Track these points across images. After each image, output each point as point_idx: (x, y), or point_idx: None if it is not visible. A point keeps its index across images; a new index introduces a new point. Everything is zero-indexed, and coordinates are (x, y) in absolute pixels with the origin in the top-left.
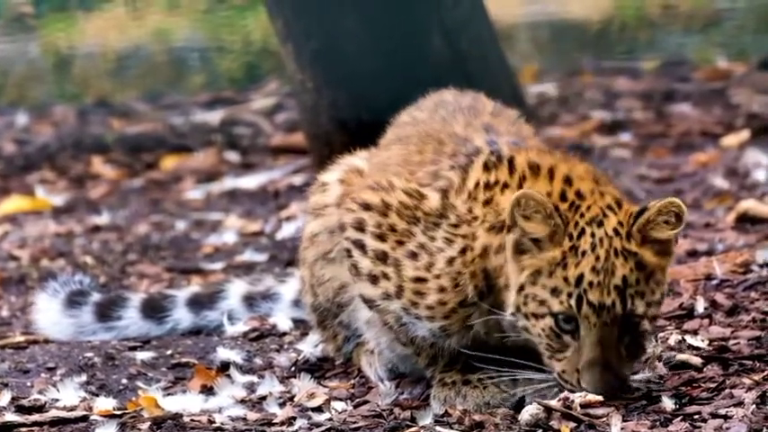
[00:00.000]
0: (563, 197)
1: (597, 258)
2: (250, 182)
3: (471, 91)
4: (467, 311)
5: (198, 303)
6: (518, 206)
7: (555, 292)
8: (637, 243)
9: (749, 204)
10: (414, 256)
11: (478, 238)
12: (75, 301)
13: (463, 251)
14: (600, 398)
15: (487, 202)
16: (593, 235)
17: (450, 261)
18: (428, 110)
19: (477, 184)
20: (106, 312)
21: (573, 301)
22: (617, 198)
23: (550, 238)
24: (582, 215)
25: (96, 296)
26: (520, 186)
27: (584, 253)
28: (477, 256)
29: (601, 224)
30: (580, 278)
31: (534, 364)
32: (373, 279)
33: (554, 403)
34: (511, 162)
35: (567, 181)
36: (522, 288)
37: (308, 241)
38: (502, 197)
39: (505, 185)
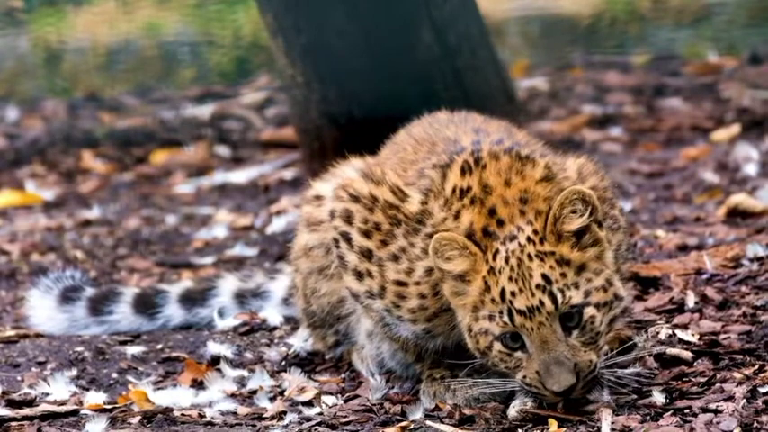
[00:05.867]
0: (485, 232)
1: (512, 268)
2: (240, 176)
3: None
4: (449, 315)
5: (190, 300)
6: (436, 253)
7: (491, 317)
8: (552, 243)
9: (739, 199)
10: (396, 258)
11: None
12: (68, 296)
13: None
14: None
15: (456, 216)
16: (506, 250)
17: (429, 271)
18: (422, 125)
19: (453, 190)
20: (98, 307)
21: (506, 317)
22: (538, 210)
23: (473, 269)
24: (497, 238)
25: (89, 291)
26: (481, 204)
27: (500, 270)
28: None
29: (513, 239)
30: (503, 292)
31: None
32: (358, 275)
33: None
34: (483, 170)
35: (492, 212)
36: (470, 330)
37: (302, 251)
38: (466, 213)
39: (473, 200)
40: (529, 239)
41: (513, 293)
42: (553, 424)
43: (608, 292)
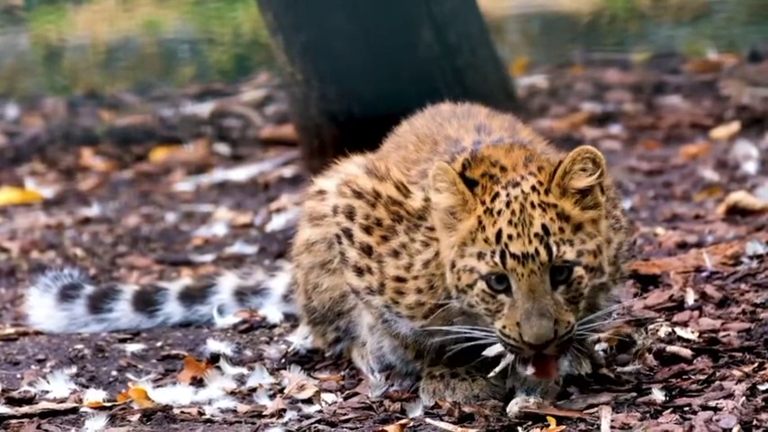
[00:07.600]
0: (484, 174)
1: (513, 212)
2: (240, 174)
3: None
4: (446, 312)
5: (189, 297)
6: (433, 180)
7: (480, 256)
8: (556, 196)
9: (739, 196)
10: (396, 254)
11: None
12: (67, 294)
13: (437, 254)
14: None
15: None
16: (507, 195)
17: (426, 263)
18: (425, 119)
19: None
20: (98, 305)
21: (497, 258)
22: (541, 165)
23: (463, 208)
24: (498, 182)
25: (89, 289)
26: (481, 160)
27: (499, 212)
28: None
29: (516, 185)
30: (499, 234)
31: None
32: (359, 271)
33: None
34: (481, 161)
35: (494, 164)
36: (453, 265)
37: (304, 247)
38: None
39: None
40: (533, 188)
41: (510, 237)
42: (552, 422)
43: (597, 259)
